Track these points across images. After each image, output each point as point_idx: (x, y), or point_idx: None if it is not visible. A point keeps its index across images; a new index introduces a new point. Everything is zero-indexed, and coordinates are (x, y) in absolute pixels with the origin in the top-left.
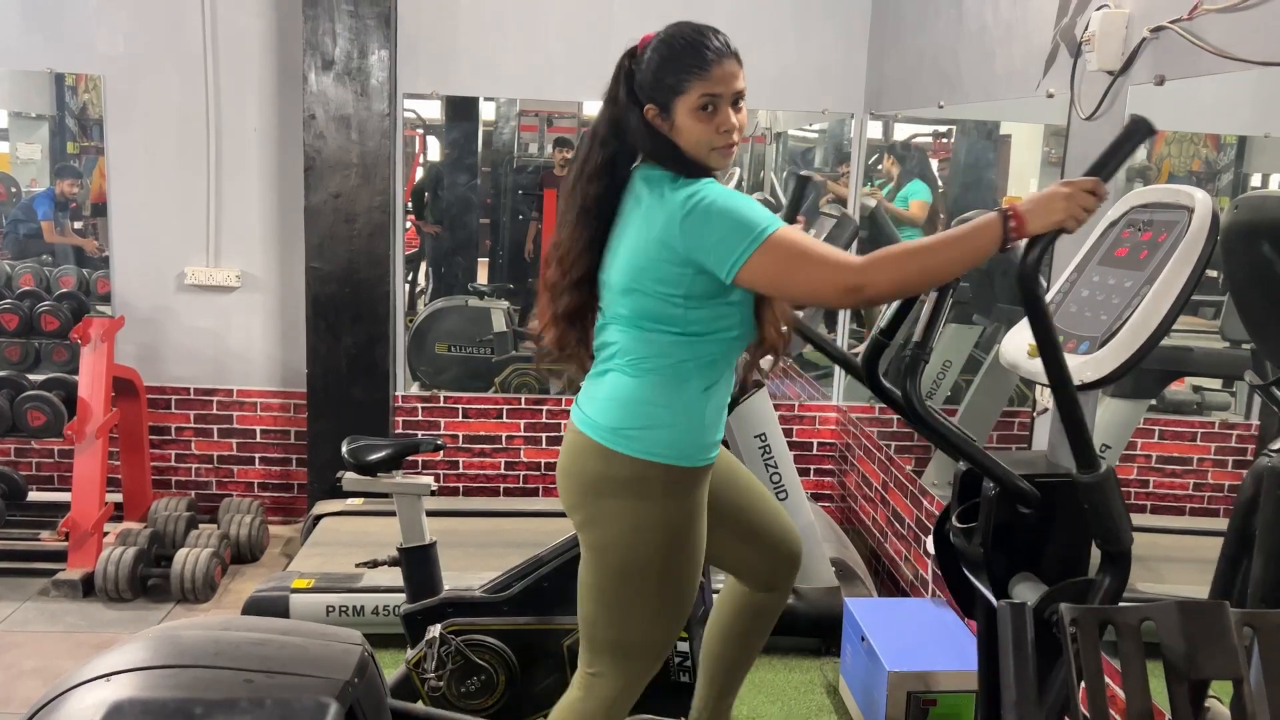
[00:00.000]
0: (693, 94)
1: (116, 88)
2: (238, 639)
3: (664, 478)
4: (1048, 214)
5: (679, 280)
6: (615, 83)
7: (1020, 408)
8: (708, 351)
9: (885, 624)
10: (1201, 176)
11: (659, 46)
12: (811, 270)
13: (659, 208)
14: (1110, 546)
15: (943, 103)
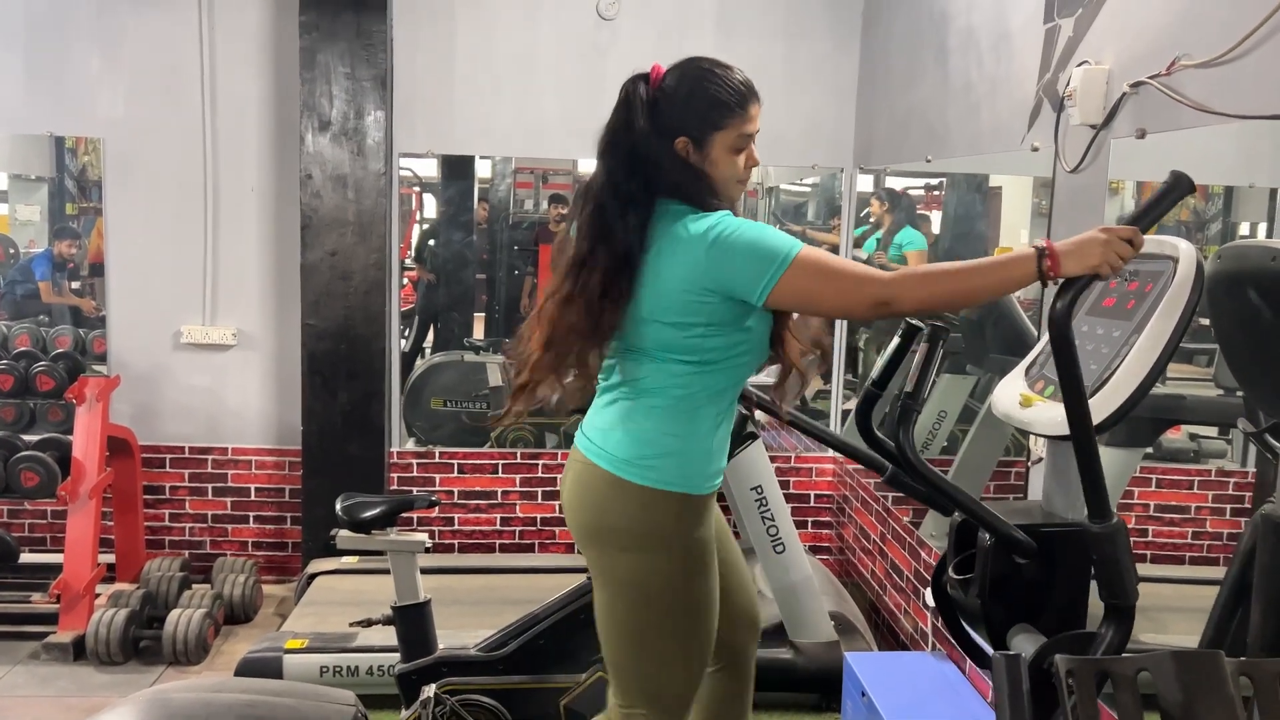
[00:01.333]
0: (732, 131)
1: (116, 150)
2: (229, 700)
3: (675, 507)
4: (1084, 257)
5: (701, 309)
6: (631, 111)
7: (1016, 458)
8: (719, 381)
9: (886, 678)
10: (1190, 226)
11: (693, 80)
12: (841, 283)
13: (681, 242)
14: (1116, 600)
15: (930, 157)
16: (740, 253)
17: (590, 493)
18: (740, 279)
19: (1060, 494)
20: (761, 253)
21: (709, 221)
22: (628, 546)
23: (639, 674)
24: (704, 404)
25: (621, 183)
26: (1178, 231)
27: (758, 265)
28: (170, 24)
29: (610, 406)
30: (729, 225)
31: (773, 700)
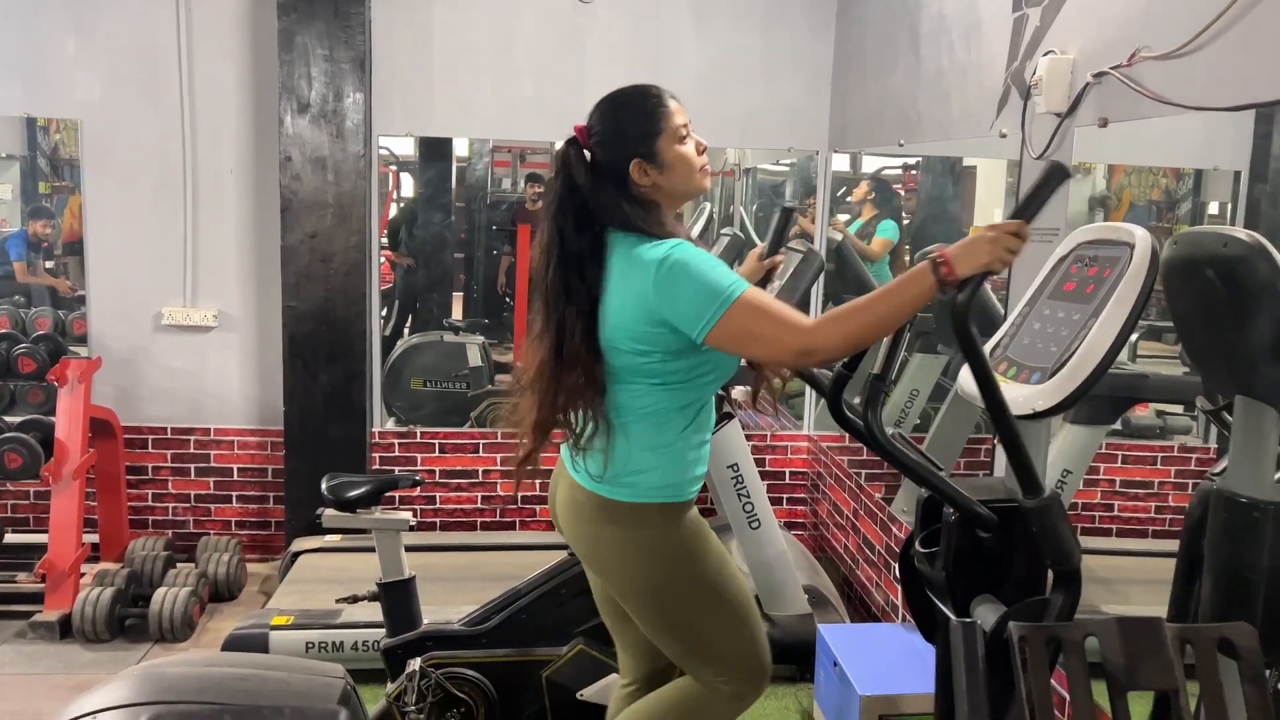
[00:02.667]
0: (667, 129)
1: (94, 132)
2: (222, 674)
3: (657, 516)
4: (975, 257)
5: (655, 338)
6: (571, 171)
7: (986, 435)
8: (685, 397)
9: (857, 649)
10: (1161, 205)
11: (612, 110)
12: (770, 331)
13: (634, 270)
14: (1060, 566)
15: (903, 141)
16: (685, 285)
17: (581, 512)
18: (682, 313)
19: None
20: (705, 289)
21: (662, 250)
22: (626, 557)
23: (702, 657)
24: (674, 418)
25: (571, 243)
26: (1150, 210)
27: (701, 301)
28: (147, 5)
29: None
30: (680, 255)
31: None
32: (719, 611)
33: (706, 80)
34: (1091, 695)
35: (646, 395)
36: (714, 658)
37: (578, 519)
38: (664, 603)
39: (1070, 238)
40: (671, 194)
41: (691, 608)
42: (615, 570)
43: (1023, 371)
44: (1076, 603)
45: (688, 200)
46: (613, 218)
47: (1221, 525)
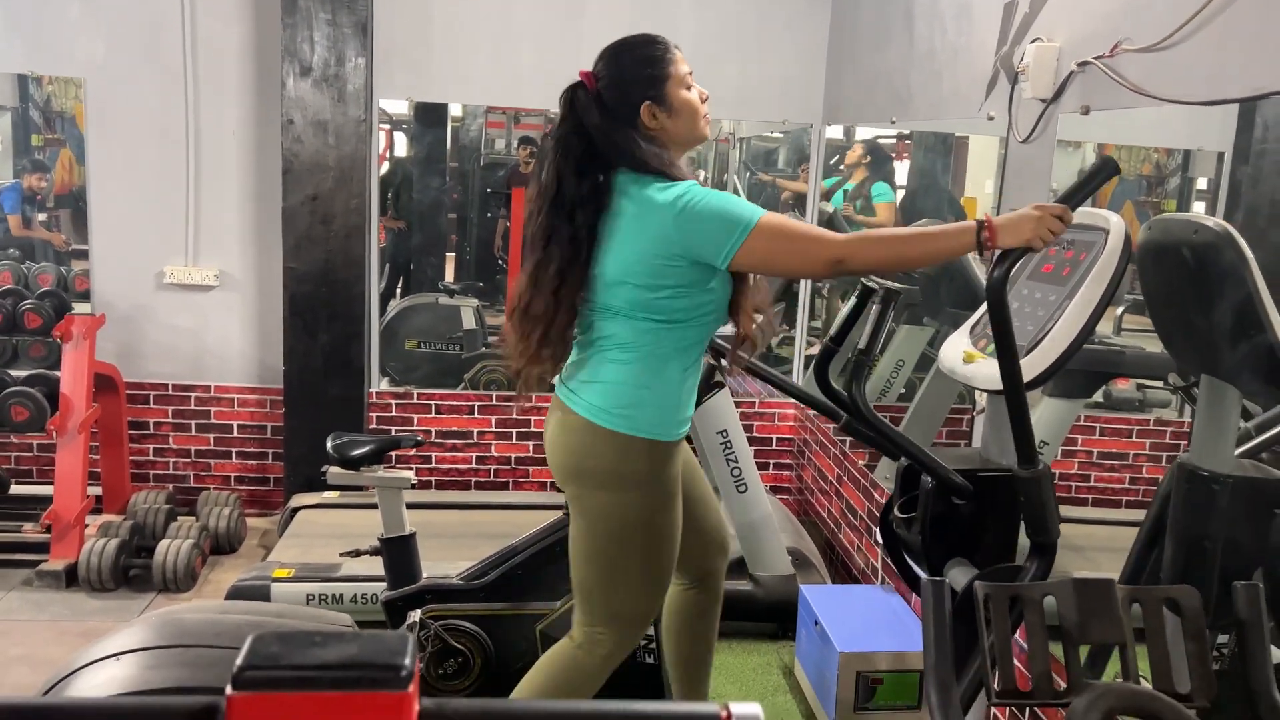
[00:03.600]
0: (676, 73)
1: (97, 91)
2: (236, 620)
3: (646, 451)
4: (1019, 232)
5: (669, 272)
6: (579, 112)
7: (966, 406)
8: (686, 336)
9: (837, 609)
10: (1152, 180)
11: (621, 56)
12: (800, 245)
13: (650, 209)
14: (1040, 537)
15: (894, 119)
16: (707, 220)
17: (571, 437)
18: (707, 244)
19: (996, 442)
20: (727, 219)
21: (677, 191)
22: (604, 484)
23: (606, 597)
24: (672, 358)
25: (569, 188)
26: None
27: (723, 231)
28: None
29: (588, 360)
30: (696, 194)
31: (733, 629)
32: (648, 565)
33: (703, 51)
34: (1048, 649)
35: (650, 333)
36: (616, 604)
37: (568, 444)
38: (610, 533)
39: None
40: (676, 139)
41: (630, 549)
42: (593, 496)
43: None
44: (1049, 572)
45: (691, 147)
46: (628, 157)
47: (1184, 496)
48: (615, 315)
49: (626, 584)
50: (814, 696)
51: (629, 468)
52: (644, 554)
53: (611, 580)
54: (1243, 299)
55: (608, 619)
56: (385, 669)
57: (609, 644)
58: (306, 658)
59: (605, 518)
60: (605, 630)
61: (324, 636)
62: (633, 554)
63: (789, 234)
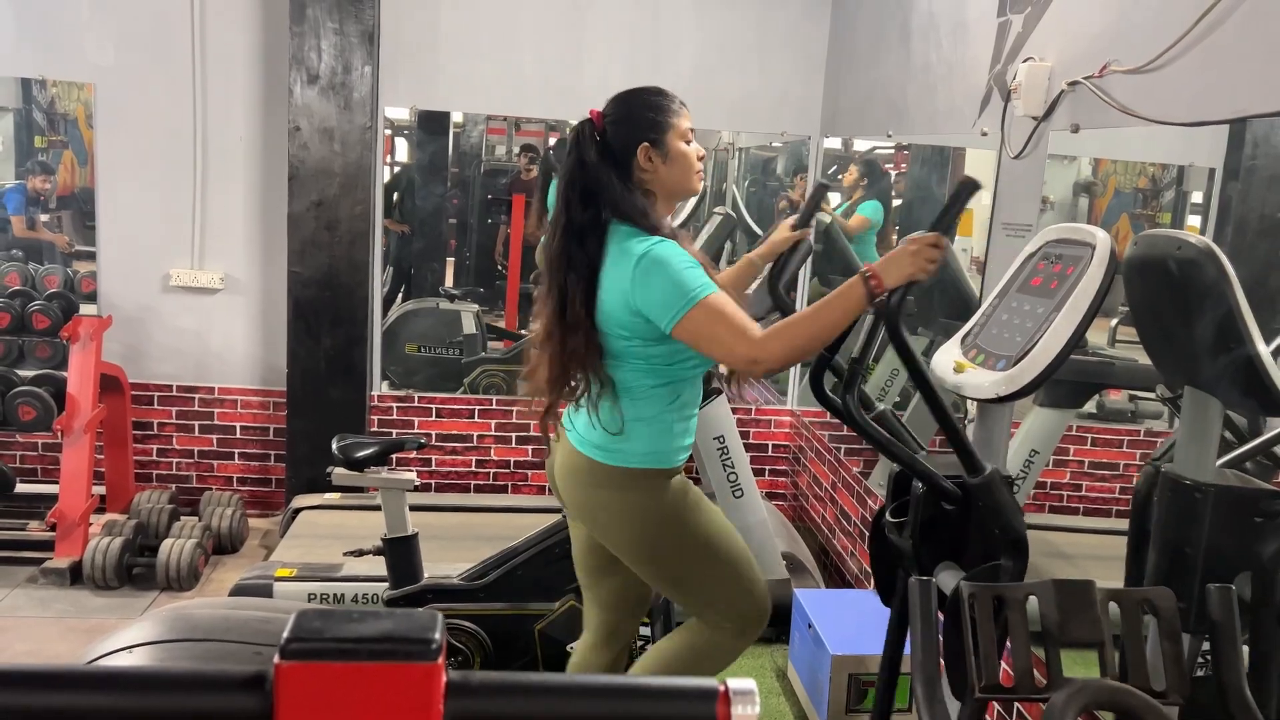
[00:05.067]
0: (678, 126)
1: (107, 95)
2: (245, 616)
3: (647, 482)
4: (900, 269)
5: (633, 325)
6: (582, 148)
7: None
8: (668, 376)
9: (830, 613)
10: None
11: (631, 99)
12: (726, 336)
13: (621, 257)
14: (1007, 534)
15: (891, 132)
16: (659, 281)
17: (577, 475)
18: (654, 305)
19: (986, 449)
20: (676, 286)
21: (645, 245)
22: (619, 517)
23: (701, 603)
24: (661, 393)
25: (576, 215)
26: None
27: (670, 297)
28: None
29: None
30: (659, 253)
31: None
32: (711, 564)
33: (703, 62)
34: (1029, 647)
35: (633, 373)
36: (712, 603)
37: (575, 483)
38: (657, 559)
39: (1039, 235)
40: (667, 187)
41: (683, 563)
42: (611, 530)
43: (990, 359)
44: (1024, 567)
45: (680, 199)
46: (609, 201)
47: (1167, 504)
48: (605, 355)
49: (706, 589)
50: (807, 699)
51: (634, 498)
52: (701, 558)
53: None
54: (1224, 313)
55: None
56: (417, 642)
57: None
58: (346, 631)
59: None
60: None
61: (361, 613)
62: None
63: (723, 321)
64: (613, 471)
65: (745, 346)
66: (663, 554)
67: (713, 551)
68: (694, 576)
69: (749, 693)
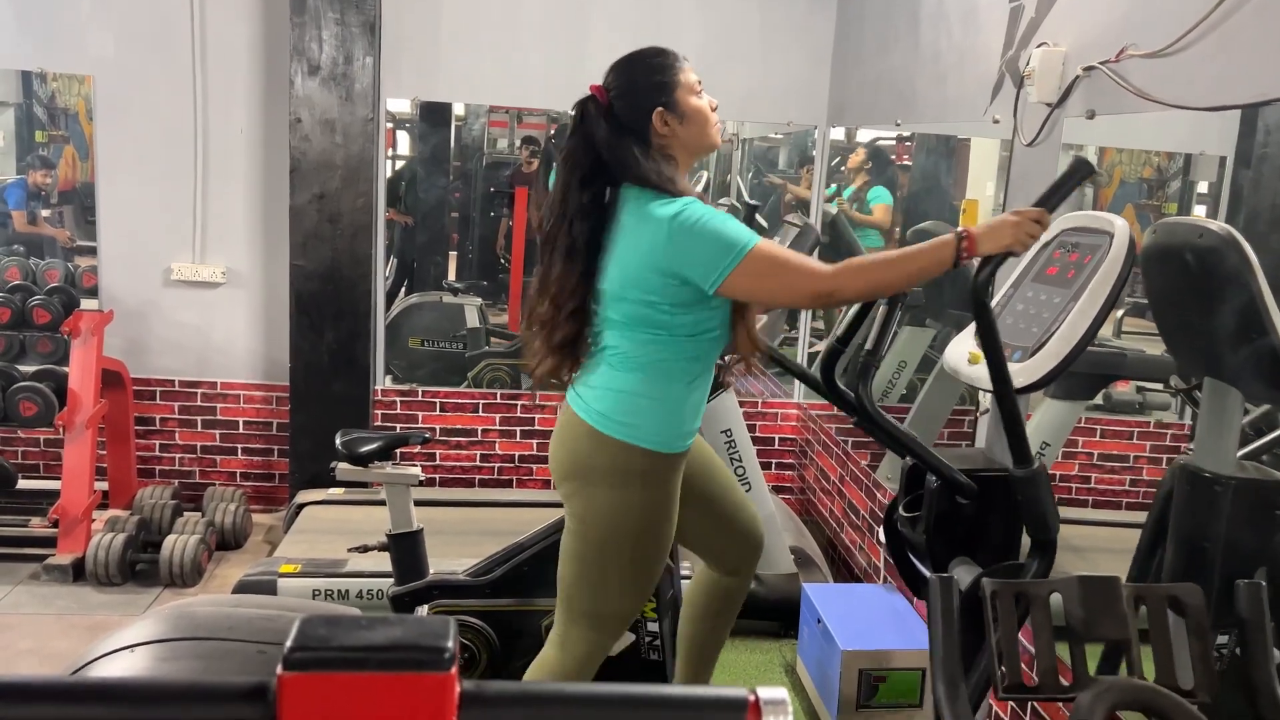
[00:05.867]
0: (686, 80)
1: (106, 88)
2: (249, 614)
3: (644, 463)
4: (998, 238)
5: (664, 290)
6: (589, 124)
7: (969, 407)
8: (691, 350)
9: (840, 607)
10: (1152, 183)
11: (631, 66)
12: (788, 278)
13: (646, 224)
14: (1039, 535)
15: (899, 121)
16: (700, 239)
17: (571, 440)
18: (697, 265)
19: (1001, 443)
20: (721, 242)
21: (675, 207)
22: (599, 485)
23: (588, 597)
24: (678, 371)
25: (575, 193)
26: (1140, 188)
27: (715, 253)
28: None
29: (596, 367)
30: (693, 212)
31: (735, 626)
32: (636, 569)
33: (708, 52)
34: (1053, 645)
35: (654, 346)
36: (597, 605)
37: (571, 445)
38: (603, 534)
39: (1055, 224)
40: (687, 146)
41: (619, 552)
42: (582, 484)
43: (1006, 350)
44: (1050, 569)
45: (701, 155)
46: (630, 172)
47: (1185, 497)
48: (618, 328)
49: (610, 586)
50: (816, 694)
51: (626, 473)
52: (632, 558)
53: (595, 581)
54: (1246, 302)
55: (586, 619)
56: (429, 651)
57: (587, 644)
58: (354, 639)
59: (599, 519)
60: (582, 630)
61: (369, 620)
62: (622, 557)
63: (780, 264)
64: (614, 444)
65: (815, 281)
66: (607, 537)
67: (647, 564)
68: (611, 573)
69: (781, 702)
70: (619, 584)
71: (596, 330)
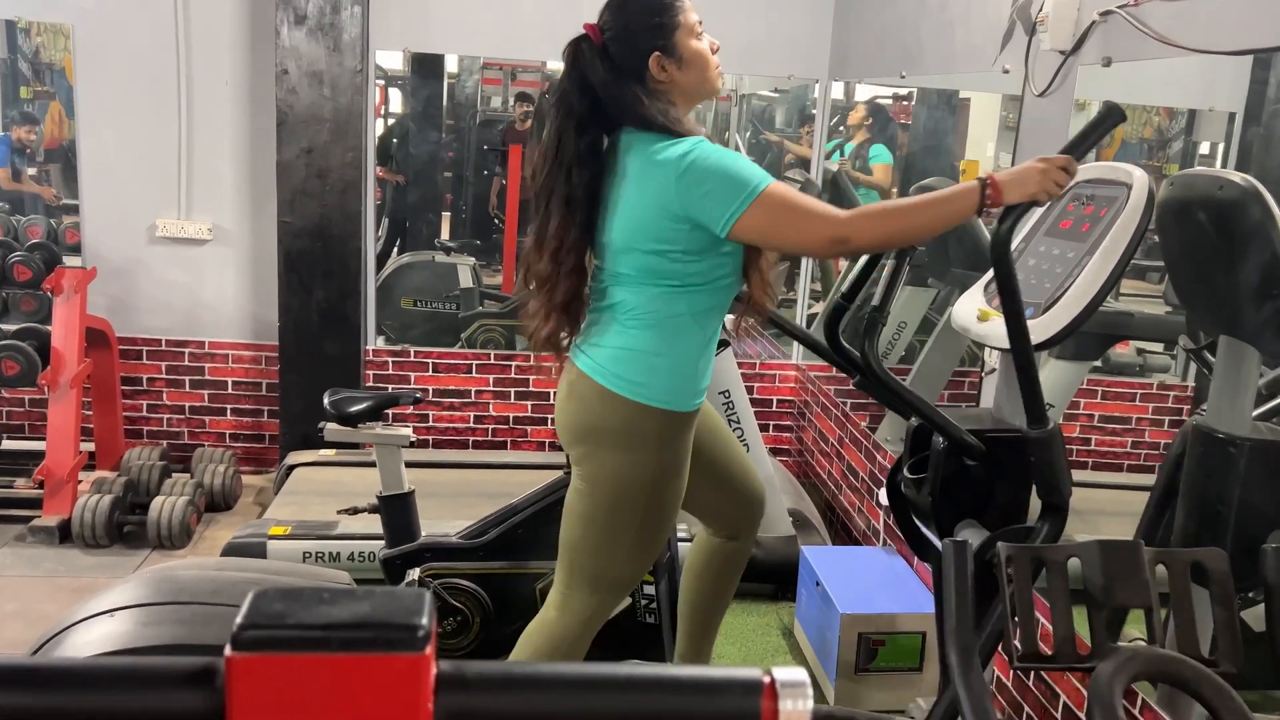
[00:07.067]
0: (686, 22)
1: (87, 38)
2: (234, 578)
3: (658, 422)
4: (1023, 186)
5: (675, 236)
6: (583, 67)
7: (971, 368)
8: (703, 302)
9: (839, 570)
10: (1153, 144)
11: (628, 5)
12: (802, 222)
13: (653, 168)
14: (1052, 498)
15: (904, 73)
16: (711, 179)
17: (581, 401)
18: (708, 207)
19: (1008, 402)
20: (733, 182)
21: (683, 147)
22: (613, 446)
23: (593, 560)
24: (689, 325)
25: (569, 141)
26: (1141, 149)
27: (727, 194)
28: None
29: (603, 325)
30: (703, 151)
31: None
32: (643, 532)
33: (706, 4)
34: (1071, 613)
35: (664, 300)
36: (601, 568)
37: (580, 406)
38: (613, 496)
39: None
40: (686, 91)
41: (628, 514)
42: (600, 457)
43: None
44: (1061, 533)
45: (701, 100)
46: (632, 114)
47: (1198, 459)
48: (627, 283)
49: (617, 549)
50: (815, 658)
51: (639, 434)
52: (641, 520)
53: (602, 543)
54: (1269, 257)
55: (590, 582)
56: (401, 629)
57: (589, 608)
58: (314, 616)
59: (609, 480)
60: (585, 594)
61: (332, 593)
62: (630, 519)
63: (794, 207)
64: (625, 404)
65: (830, 227)
66: (628, 502)
67: (655, 526)
68: (616, 536)
69: (799, 684)
70: (627, 546)
71: (601, 286)
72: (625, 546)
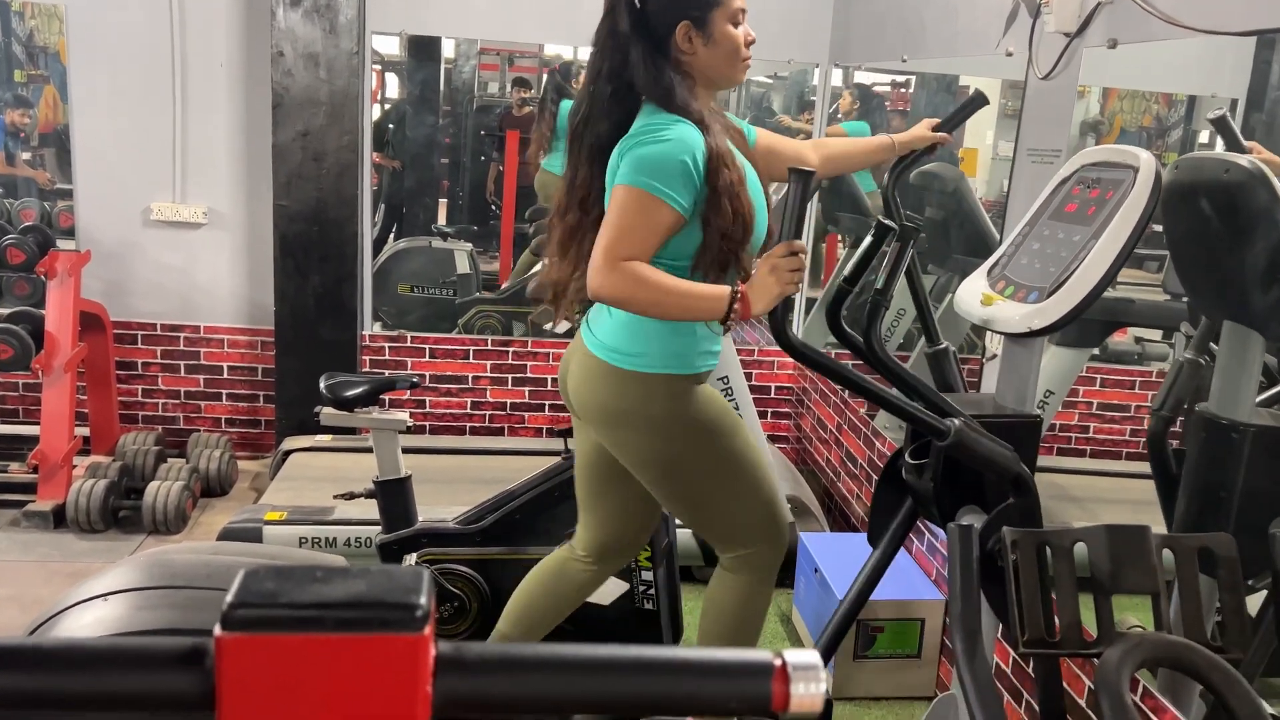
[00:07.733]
0: (730, 3)
1: (79, 19)
2: (228, 562)
3: (668, 389)
4: (766, 294)
5: None
6: (615, 14)
7: (970, 355)
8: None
9: (837, 557)
10: (1152, 132)
11: None
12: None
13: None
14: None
15: (906, 57)
16: (630, 152)
17: (591, 380)
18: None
19: (1010, 387)
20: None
21: (652, 123)
22: (637, 428)
23: (717, 525)
24: None
25: (601, 87)
26: (1140, 137)
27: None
28: None
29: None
30: (647, 135)
31: None
32: (732, 482)
33: None
34: (1077, 598)
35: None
36: (731, 528)
37: (591, 388)
38: (676, 475)
39: (1074, 159)
40: (707, 73)
41: (704, 480)
42: (630, 445)
43: (1020, 290)
44: (1035, 504)
45: (720, 88)
46: (636, 77)
47: (1201, 445)
48: None
49: (724, 508)
50: (812, 644)
51: (656, 407)
52: (722, 478)
53: (709, 512)
54: (1276, 241)
55: (741, 534)
56: (398, 608)
57: (760, 555)
58: (307, 595)
59: (656, 462)
60: (746, 546)
61: (326, 572)
62: (707, 481)
63: (617, 225)
64: (631, 378)
65: (600, 264)
66: (682, 471)
67: (733, 471)
68: (712, 498)
69: (811, 667)
70: (729, 496)
71: None
72: (728, 498)
